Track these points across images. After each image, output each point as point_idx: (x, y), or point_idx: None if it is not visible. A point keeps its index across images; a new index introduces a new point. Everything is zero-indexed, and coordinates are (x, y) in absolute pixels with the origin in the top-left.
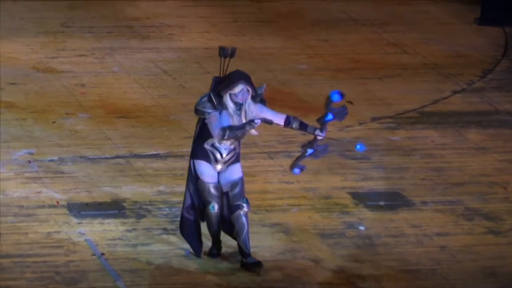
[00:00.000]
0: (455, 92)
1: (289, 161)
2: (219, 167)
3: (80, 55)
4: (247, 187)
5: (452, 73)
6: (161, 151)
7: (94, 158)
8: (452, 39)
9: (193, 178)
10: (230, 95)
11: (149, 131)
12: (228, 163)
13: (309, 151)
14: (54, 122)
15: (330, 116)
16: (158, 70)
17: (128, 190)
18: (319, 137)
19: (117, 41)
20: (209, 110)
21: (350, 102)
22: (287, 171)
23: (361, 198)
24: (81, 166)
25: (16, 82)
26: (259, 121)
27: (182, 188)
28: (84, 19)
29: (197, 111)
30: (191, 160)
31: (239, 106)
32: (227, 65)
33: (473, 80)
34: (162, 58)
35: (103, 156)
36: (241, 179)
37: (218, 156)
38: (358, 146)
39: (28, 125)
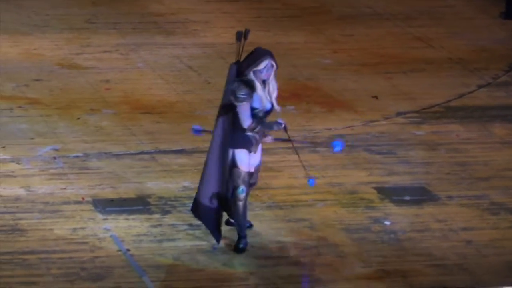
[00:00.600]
0: (480, 87)
1: (315, 156)
2: (257, 149)
3: (105, 51)
4: (272, 182)
5: (477, 67)
6: (186, 147)
7: (119, 154)
8: (477, 33)
9: (229, 166)
10: (254, 72)
11: (174, 127)
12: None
13: None
14: (78, 118)
15: (304, 143)
16: (183, 65)
17: (153, 186)
18: (266, 140)
19: (142, 37)
20: (245, 95)
21: (375, 97)
22: (313, 166)
23: (386, 193)
24: (106, 162)
25: (41, 79)
26: (283, 122)
27: None
28: (109, 15)
29: (237, 98)
30: (231, 150)
31: (264, 84)
32: (242, 49)
33: (498, 74)
34: (187, 53)
35: (128, 152)
36: (261, 162)
37: (258, 138)
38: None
39: (53, 122)
